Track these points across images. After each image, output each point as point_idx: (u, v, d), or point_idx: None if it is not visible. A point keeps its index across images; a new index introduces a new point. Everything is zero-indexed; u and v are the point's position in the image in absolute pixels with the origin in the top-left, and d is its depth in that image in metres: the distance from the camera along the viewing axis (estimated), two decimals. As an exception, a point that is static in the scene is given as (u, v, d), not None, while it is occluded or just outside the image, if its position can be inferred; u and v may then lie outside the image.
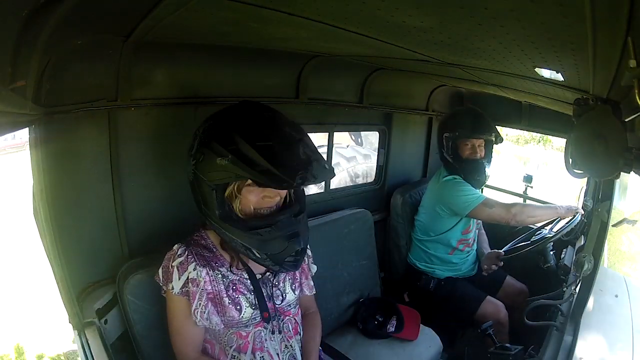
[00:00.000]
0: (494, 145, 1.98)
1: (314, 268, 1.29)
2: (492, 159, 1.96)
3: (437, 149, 2.06)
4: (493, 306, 1.84)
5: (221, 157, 0.90)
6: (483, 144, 1.93)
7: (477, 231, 2.08)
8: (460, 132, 1.90)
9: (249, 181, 0.96)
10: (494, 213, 1.81)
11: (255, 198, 0.99)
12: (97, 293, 1.28)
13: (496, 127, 1.96)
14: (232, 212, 0.99)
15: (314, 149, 0.96)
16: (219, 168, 0.91)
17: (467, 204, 1.85)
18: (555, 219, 1.91)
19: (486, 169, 1.92)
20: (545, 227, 1.97)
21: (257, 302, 1.07)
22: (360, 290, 1.90)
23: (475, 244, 2.08)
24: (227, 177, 0.93)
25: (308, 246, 1.26)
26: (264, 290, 1.10)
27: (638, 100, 0.49)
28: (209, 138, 0.95)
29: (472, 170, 1.91)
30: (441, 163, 2.03)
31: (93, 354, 1.10)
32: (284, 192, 1.02)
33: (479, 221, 2.10)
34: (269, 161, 0.88)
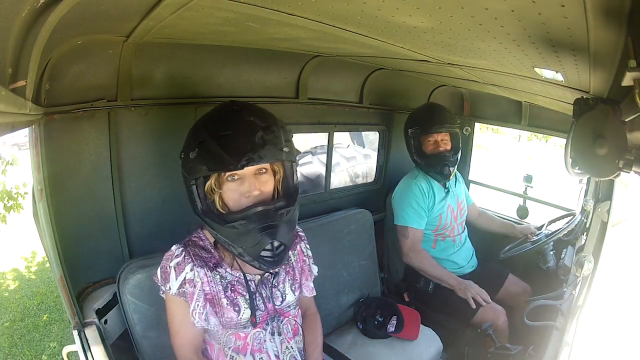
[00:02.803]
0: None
1: (315, 269, 1.28)
2: (459, 150, 1.98)
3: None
4: (492, 312, 1.82)
5: (192, 151, 0.96)
6: (448, 138, 1.95)
7: (460, 226, 2.06)
8: (421, 128, 1.94)
9: (227, 176, 0.99)
10: (402, 242, 1.94)
11: (237, 194, 1.00)
12: (97, 293, 1.28)
13: (456, 118, 2.00)
14: (213, 207, 1.00)
15: (277, 135, 0.97)
16: (191, 162, 0.97)
17: (399, 217, 1.96)
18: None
19: (450, 162, 1.92)
20: (546, 229, 1.98)
21: (250, 304, 1.07)
22: (360, 290, 1.90)
23: (460, 236, 2.05)
24: (199, 170, 0.96)
25: (307, 247, 1.26)
26: (263, 291, 1.10)
27: (638, 100, 0.49)
28: (189, 136, 1.01)
29: (433, 164, 1.93)
30: None
31: (93, 354, 1.10)
32: (268, 186, 1.02)
33: (463, 213, 2.09)
34: (222, 148, 0.93)
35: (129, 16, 0.89)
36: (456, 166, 1.98)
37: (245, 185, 0.99)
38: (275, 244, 0.98)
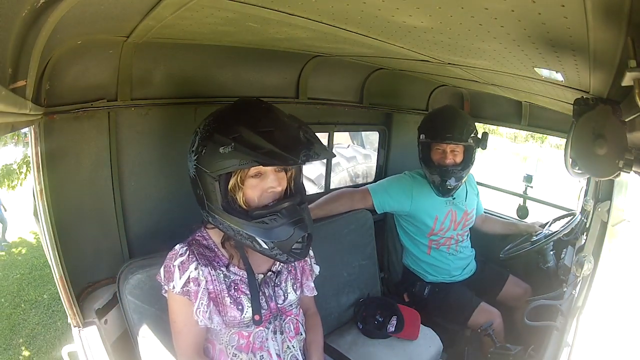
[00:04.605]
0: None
1: (317, 269, 1.28)
2: (471, 165, 1.84)
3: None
4: (487, 314, 1.82)
5: (224, 146, 0.93)
6: (461, 150, 1.81)
7: (459, 236, 1.96)
8: (432, 134, 1.81)
9: (252, 172, 0.99)
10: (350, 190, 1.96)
11: (259, 191, 1.00)
12: (97, 293, 1.28)
13: (476, 131, 1.83)
14: (235, 203, 1.00)
15: (313, 134, 1.00)
16: (222, 157, 0.93)
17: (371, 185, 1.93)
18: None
19: (453, 176, 1.79)
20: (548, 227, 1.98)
21: (252, 302, 1.07)
22: (360, 290, 1.90)
23: (456, 246, 1.97)
24: (231, 165, 0.94)
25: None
26: (266, 290, 1.10)
27: (638, 100, 0.49)
28: (210, 131, 0.97)
29: (434, 176, 1.82)
30: None
31: (93, 354, 1.10)
32: (285, 183, 1.04)
33: (467, 224, 1.99)
34: (272, 143, 0.91)
35: (129, 16, 0.89)
36: (461, 182, 1.83)
37: (267, 182, 1.00)
38: (305, 236, 1.02)
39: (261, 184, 1.00)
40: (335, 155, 1.06)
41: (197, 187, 1.02)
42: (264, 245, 0.99)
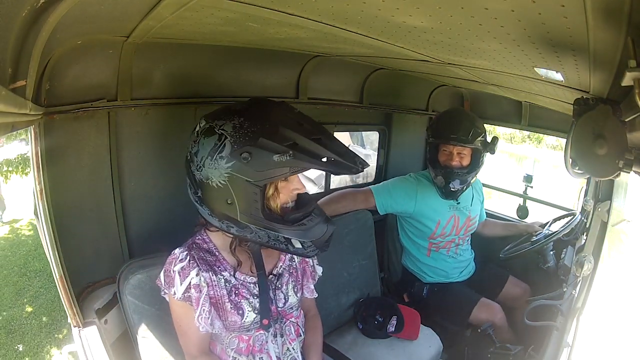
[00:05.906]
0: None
1: (320, 270, 1.28)
2: (478, 168, 1.81)
3: None
4: (488, 308, 1.81)
5: (279, 153, 0.88)
6: (468, 153, 1.79)
7: (460, 239, 1.96)
8: (438, 137, 1.80)
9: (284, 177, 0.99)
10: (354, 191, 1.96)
11: (288, 193, 1.01)
12: (97, 293, 1.28)
13: (484, 134, 1.79)
14: (272, 211, 0.99)
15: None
16: (275, 165, 0.89)
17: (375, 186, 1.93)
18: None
19: (457, 179, 1.76)
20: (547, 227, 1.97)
21: (261, 306, 1.07)
22: (360, 290, 1.90)
23: (456, 249, 1.97)
24: (282, 173, 0.91)
25: None
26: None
27: (638, 100, 0.49)
28: (251, 136, 0.89)
29: (438, 177, 1.80)
30: None
31: (93, 354, 1.10)
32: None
33: (469, 229, 1.98)
34: (330, 151, 0.93)
35: (129, 16, 0.89)
36: (465, 185, 1.80)
37: (294, 184, 1.01)
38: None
39: (288, 186, 1.00)
40: (369, 165, 1.07)
41: (224, 197, 0.93)
42: (298, 245, 1.00)
